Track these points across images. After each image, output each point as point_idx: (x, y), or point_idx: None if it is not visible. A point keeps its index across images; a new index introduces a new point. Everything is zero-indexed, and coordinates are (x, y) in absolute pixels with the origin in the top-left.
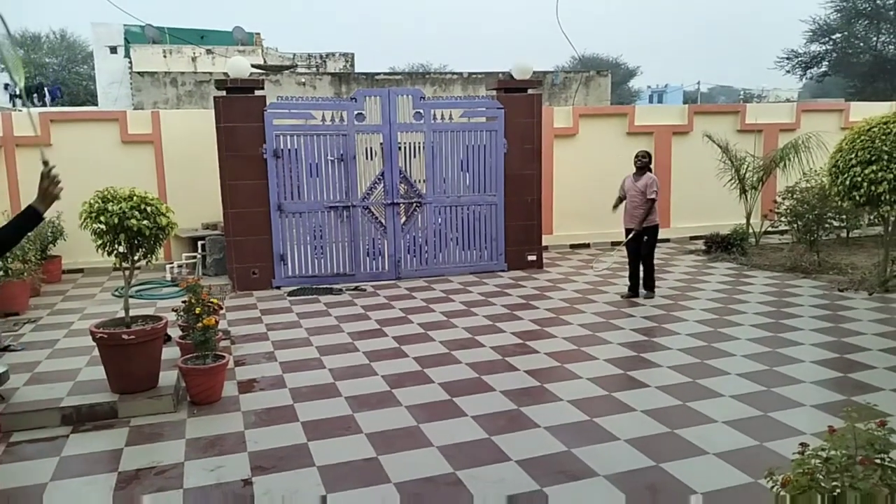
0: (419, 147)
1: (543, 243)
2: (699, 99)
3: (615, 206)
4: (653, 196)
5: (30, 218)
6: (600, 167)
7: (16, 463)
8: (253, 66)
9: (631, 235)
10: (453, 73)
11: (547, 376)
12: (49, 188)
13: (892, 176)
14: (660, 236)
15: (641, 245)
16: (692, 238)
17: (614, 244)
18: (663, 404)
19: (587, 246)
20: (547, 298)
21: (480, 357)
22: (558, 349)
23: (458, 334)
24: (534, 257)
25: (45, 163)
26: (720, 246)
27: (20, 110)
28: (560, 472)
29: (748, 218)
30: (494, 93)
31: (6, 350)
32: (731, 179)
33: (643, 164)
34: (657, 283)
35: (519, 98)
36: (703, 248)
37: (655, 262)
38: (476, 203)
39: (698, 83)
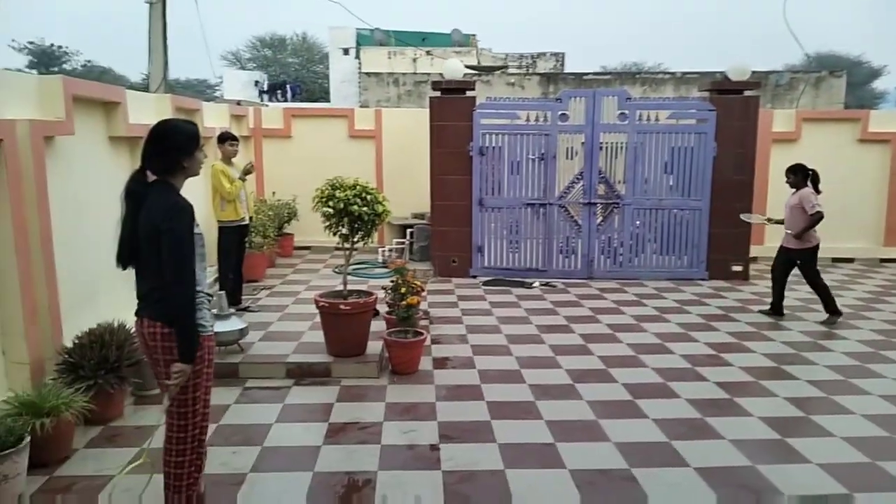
0: (621, 148)
1: (752, 254)
2: None
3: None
4: (813, 211)
5: None
6: (826, 177)
7: (249, 404)
8: (466, 66)
9: (779, 255)
10: (665, 73)
11: (738, 390)
12: None
13: None
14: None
15: (789, 268)
16: None
17: (834, 260)
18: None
19: None
20: (749, 312)
21: (668, 364)
22: (754, 364)
23: (646, 339)
24: (739, 268)
25: None
26: None
27: (267, 105)
28: (744, 486)
29: None
30: (707, 94)
31: (246, 310)
32: None
33: (791, 181)
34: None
35: (733, 100)
36: None
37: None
38: (678, 207)
39: None
